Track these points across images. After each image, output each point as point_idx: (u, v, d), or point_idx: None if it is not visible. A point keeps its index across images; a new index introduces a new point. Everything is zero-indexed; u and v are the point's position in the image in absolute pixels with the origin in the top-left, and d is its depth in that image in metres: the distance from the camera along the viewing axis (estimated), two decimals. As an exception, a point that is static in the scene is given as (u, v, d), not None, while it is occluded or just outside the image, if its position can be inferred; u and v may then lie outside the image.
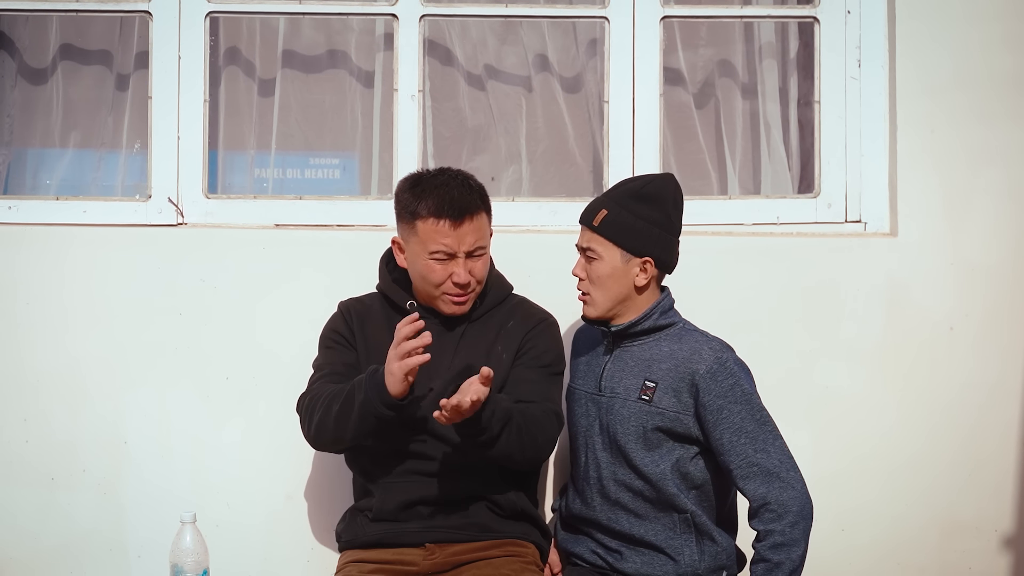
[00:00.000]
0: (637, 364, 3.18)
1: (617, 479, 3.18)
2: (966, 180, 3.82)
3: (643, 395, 3.14)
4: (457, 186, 3.18)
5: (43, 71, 4.02)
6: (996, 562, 3.82)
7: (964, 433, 3.80)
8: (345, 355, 3.28)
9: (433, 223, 3.15)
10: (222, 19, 3.95)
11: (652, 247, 3.14)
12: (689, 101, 4.09)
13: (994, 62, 3.82)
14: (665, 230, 3.16)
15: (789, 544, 3.03)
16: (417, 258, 3.19)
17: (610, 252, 3.14)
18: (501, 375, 3.24)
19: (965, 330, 3.80)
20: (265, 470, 3.69)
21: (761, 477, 3.06)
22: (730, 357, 3.14)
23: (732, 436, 3.08)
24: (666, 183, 3.20)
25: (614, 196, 3.18)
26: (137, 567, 3.71)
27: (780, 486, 3.05)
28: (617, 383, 3.19)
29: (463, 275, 3.18)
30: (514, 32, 4.07)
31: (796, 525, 3.04)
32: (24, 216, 3.81)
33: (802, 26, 4.04)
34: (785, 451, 3.10)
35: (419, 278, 3.23)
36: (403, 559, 3.20)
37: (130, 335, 3.72)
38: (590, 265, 3.16)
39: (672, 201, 3.18)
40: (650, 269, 3.15)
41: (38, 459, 3.71)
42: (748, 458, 3.07)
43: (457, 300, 3.22)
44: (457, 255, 3.17)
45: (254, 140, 4.04)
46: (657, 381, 3.13)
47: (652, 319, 3.18)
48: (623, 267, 3.14)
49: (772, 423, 3.12)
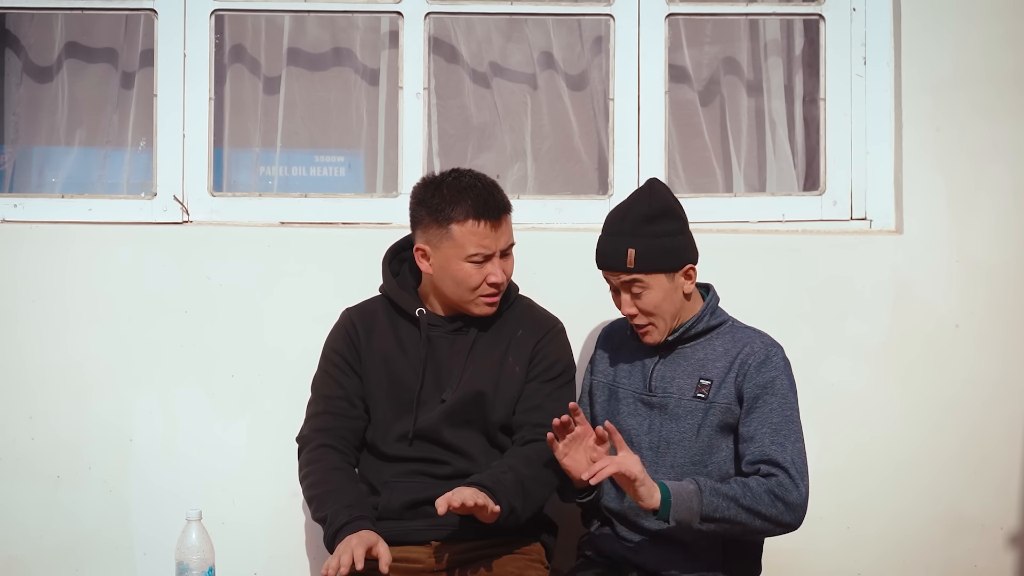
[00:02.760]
0: (691, 364, 3.17)
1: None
2: (971, 177, 3.83)
3: (699, 393, 3.13)
4: (486, 186, 3.18)
5: (48, 69, 4.03)
6: (1001, 559, 3.82)
7: (968, 429, 3.80)
8: (345, 382, 3.27)
9: (473, 225, 3.13)
10: (227, 17, 3.95)
11: (687, 254, 3.14)
12: (694, 98, 4.08)
13: (997, 60, 3.83)
14: (685, 232, 3.16)
15: (754, 507, 2.95)
16: (450, 263, 3.17)
17: (656, 280, 3.11)
18: (514, 388, 3.25)
19: (970, 327, 3.80)
20: (270, 467, 3.69)
21: (769, 466, 3.02)
22: (778, 353, 3.14)
23: (757, 425, 3.06)
24: (662, 192, 3.18)
25: (629, 230, 3.11)
26: (143, 565, 3.71)
27: (785, 477, 3.01)
28: (670, 383, 3.17)
29: (500, 274, 3.18)
30: (519, 30, 4.07)
31: (775, 501, 2.97)
32: (29, 214, 3.82)
33: (807, 23, 4.04)
34: (802, 454, 3.07)
35: (451, 283, 3.19)
36: (409, 557, 3.20)
37: (135, 333, 3.72)
38: (640, 299, 3.12)
39: (675, 202, 3.18)
40: (693, 273, 3.16)
41: (43, 457, 3.71)
42: (763, 448, 3.04)
43: (491, 300, 3.21)
44: (493, 256, 3.16)
45: (259, 138, 4.04)
46: (712, 379, 3.13)
47: (704, 321, 3.18)
48: (672, 285, 3.12)
49: (799, 426, 3.09)
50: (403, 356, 3.26)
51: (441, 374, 3.23)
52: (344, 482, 3.17)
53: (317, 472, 3.19)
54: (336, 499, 3.11)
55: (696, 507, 2.93)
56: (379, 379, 3.26)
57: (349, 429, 3.26)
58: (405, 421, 3.23)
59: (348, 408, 3.27)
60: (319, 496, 3.15)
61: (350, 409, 3.27)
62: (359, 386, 3.27)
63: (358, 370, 3.28)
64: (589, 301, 3.51)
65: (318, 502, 3.15)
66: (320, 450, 3.22)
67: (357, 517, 3.05)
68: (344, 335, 3.31)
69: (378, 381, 3.26)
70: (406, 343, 3.27)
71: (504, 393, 3.23)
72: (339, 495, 3.12)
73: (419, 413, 3.22)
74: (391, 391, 3.25)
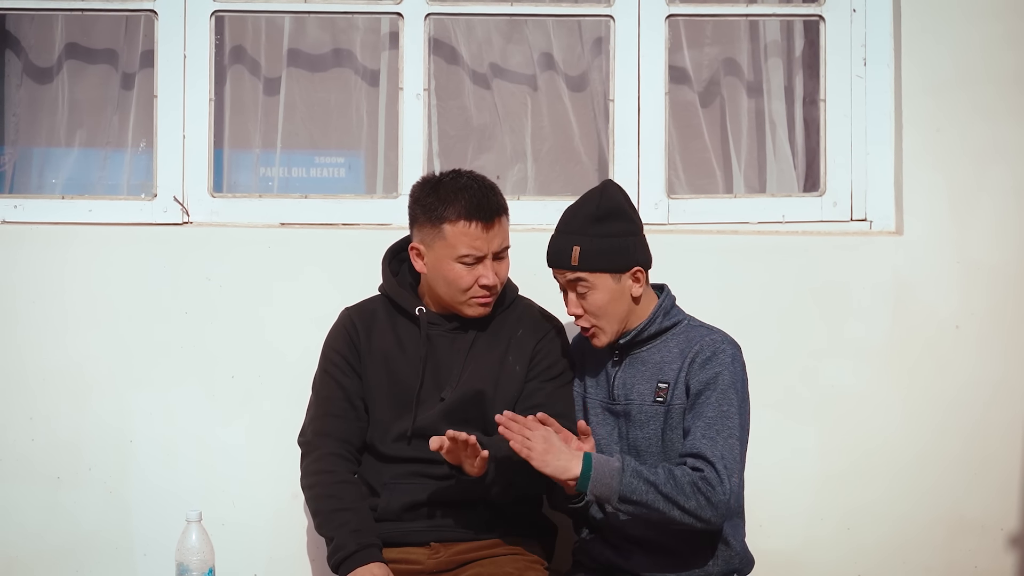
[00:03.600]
0: (648, 369, 3.16)
1: None
2: (971, 178, 3.82)
3: (658, 397, 3.12)
4: (482, 187, 3.18)
5: (48, 70, 4.03)
6: (1002, 561, 3.81)
7: (969, 431, 3.80)
8: (345, 382, 3.27)
9: (464, 226, 3.14)
10: (227, 18, 3.95)
11: (635, 256, 3.12)
12: (694, 100, 4.08)
13: (998, 60, 3.82)
14: (636, 235, 3.14)
15: (673, 496, 2.92)
16: (441, 263, 3.17)
17: (601, 279, 3.10)
18: (514, 387, 3.25)
19: (971, 328, 3.80)
20: (270, 469, 3.69)
21: (697, 460, 2.97)
22: (727, 350, 3.10)
23: (694, 419, 3.03)
24: (614, 192, 3.16)
25: (576, 228, 3.11)
26: (143, 566, 3.71)
27: (712, 472, 2.95)
28: (631, 390, 3.17)
29: (491, 277, 3.18)
30: (519, 31, 4.07)
31: (698, 495, 2.93)
32: (29, 215, 3.82)
33: (807, 24, 4.04)
34: (732, 452, 3.00)
35: (443, 283, 3.20)
36: (408, 558, 3.20)
37: (135, 334, 3.72)
38: (585, 299, 3.11)
39: (627, 204, 3.16)
40: (641, 276, 3.14)
41: (44, 458, 3.71)
42: (694, 442, 2.99)
43: (483, 302, 3.21)
44: (485, 257, 3.16)
45: (259, 139, 4.04)
46: (669, 381, 3.12)
47: (656, 323, 3.17)
48: (618, 287, 3.11)
49: (735, 422, 3.02)
50: (403, 354, 3.26)
51: (441, 373, 3.23)
52: (352, 499, 3.18)
53: (324, 485, 3.20)
54: (343, 522, 3.13)
55: (615, 485, 2.92)
56: (379, 378, 3.26)
57: (351, 432, 3.26)
58: (404, 420, 3.23)
59: (349, 409, 3.27)
60: (325, 512, 3.17)
61: (351, 410, 3.27)
62: (359, 386, 3.27)
63: (358, 369, 3.28)
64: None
65: (323, 518, 3.17)
66: (327, 459, 3.23)
67: (366, 546, 3.09)
68: (344, 334, 3.31)
69: (378, 380, 3.26)
70: (406, 342, 3.27)
71: (504, 392, 3.23)
72: (347, 517, 3.14)
73: (418, 412, 3.22)
74: (391, 390, 3.25)
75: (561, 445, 2.96)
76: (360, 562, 3.07)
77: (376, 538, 3.13)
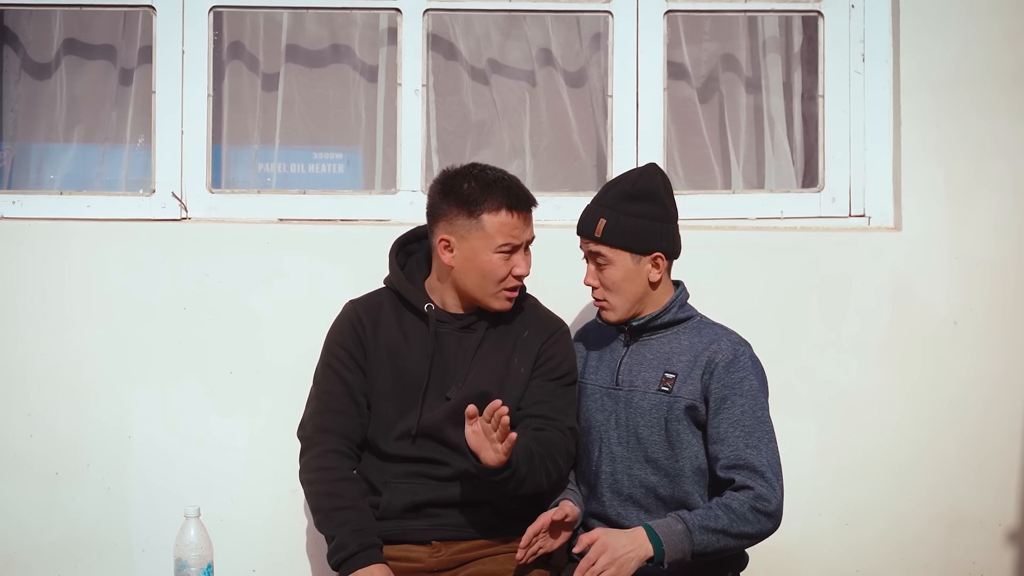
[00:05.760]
0: (656, 357, 3.18)
1: (631, 474, 3.17)
2: (970, 174, 3.82)
3: (663, 386, 3.14)
4: (513, 180, 3.21)
5: (47, 66, 4.02)
6: (1001, 557, 3.81)
7: (969, 428, 3.80)
8: (348, 377, 3.25)
9: (506, 215, 3.14)
10: (225, 13, 3.94)
11: (659, 242, 3.15)
12: (693, 95, 4.08)
13: (997, 57, 3.83)
14: (665, 221, 3.17)
15: (742, 531, 3.01)
16: (478, 254, 3.16)
17: (620, 256, 3.14)
18: (519, 389, 3.24)
19: (969, 324, 3.80)
20: (269, 465, 3.69)
21: (746, 471, 3.04)
22: (747, 352, 3.15)
23: (728, 427, 3.07)
24: (653, 175, 3.20)
25: (607, 202, 3.17)
26: (141, 562, 3.71)
27: (763, 483, 3.03)
28: (636, 376, 3.18)
29: (525, 267, 3.20)
30: (518, 26, 4.07)
31: (759, 517, 3.02)
32: (28, 211, 3.81)
33: (806, 20, 4.03)
34: (775, 456, 3.09)
35: (476, 275, 3.18)
36: (409, 556, 3.20)
37: (133, 330, 3.72)
38: (602, 272, 3.16)
39: (664, 190, 3.19)
40: (662, 263, 3.16)
41: (42, 454, 3.71)
42: (738, 452, 3.05)
43: (512, 296, 3.23)
44: (520, 247, 3.18)
45: (258, 135, 4.04)
46: (677, 372, 3.14)
47: (671, 312, 3.20)
48: (636, 268, 3.14)
49: (771, 426, 3.11)
50: (409, 351, 3.24)
51: (447, 371, 3.22)
52: (352, 497, 3.17)
53: (324, 482, 3.19)
54: (344, 520, 3.12)
55: (687, 547, 2.99)
56: (384, 373, 3.24)
57: (353, 428, 3.25)
58: (409, 418, 3.22)
59: (351, 405, 3.25)
60: (325, 510, 3.17)
61: (353, 406, 3.25)
62: (363, 382, 3.26)
63: (363, 365, 3.26)
64: (586, 298, 3.49)
65: (324, 515, 3.17)
66: (327, 456, 3.21)
67: (367, 546, 3.09)
68: (349, 328, 3.29)
69: (383, 376, 3.24)
70: (412, 338, 3.25)
71: (509, 394, 3.21)
72: (348, 515, 3.13)
73: (423, 410, 3.21)
74: (396, 386, 3.24)
75: (617, 542, 2.98)
76: (361, 563, 3.07)
77: (377, 538, 3.13)
